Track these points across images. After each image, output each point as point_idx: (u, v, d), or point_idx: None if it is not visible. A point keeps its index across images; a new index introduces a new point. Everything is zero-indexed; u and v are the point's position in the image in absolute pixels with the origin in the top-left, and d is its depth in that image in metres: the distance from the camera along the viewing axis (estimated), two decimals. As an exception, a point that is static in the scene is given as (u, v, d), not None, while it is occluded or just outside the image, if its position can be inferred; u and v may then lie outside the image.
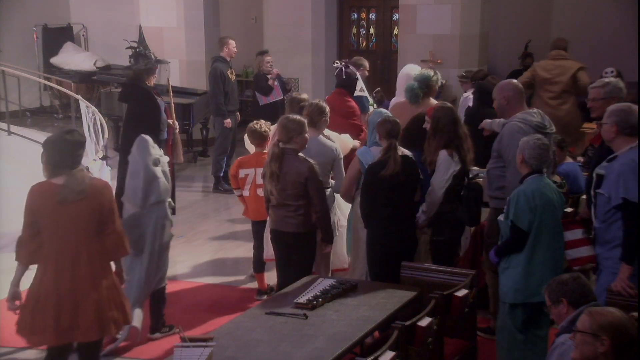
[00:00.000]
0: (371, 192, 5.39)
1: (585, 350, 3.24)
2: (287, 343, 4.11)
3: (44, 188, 4.32)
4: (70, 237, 4.30)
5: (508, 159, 5.36)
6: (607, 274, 4.76)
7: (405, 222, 5.43)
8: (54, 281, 4.29)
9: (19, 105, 13.57)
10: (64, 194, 4.24)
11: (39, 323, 4.30)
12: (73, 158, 4.34)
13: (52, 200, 4.25)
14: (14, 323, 4.49)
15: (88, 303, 4.30)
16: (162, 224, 5.54)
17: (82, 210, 4.29)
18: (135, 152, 5.57)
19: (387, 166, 5.28)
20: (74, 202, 4.25)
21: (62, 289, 4.28)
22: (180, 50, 12.10)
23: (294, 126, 5.42)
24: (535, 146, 4.85)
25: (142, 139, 5.60)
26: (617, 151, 4.75)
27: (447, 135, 5.54)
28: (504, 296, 4.96)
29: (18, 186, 9.02)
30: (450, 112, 5.62)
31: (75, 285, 4.29)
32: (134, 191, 5.49)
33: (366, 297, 4.77)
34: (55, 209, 4.26)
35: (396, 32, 13.32)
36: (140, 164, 5.50)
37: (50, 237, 4.31)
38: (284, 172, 5.37)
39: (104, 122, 9.43)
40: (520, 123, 5.42)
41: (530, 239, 4.80)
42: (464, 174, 5.59)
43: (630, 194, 4.57)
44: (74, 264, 4.29)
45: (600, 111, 5.26)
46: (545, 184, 4.89)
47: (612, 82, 5.44)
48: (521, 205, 4.78)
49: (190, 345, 3.87)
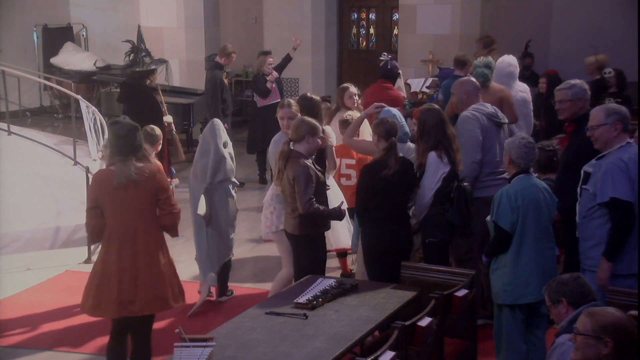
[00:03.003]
0: (368, 191, 5.39)
1: (587, 352, 3.20)
2: (287, 343, 4.11)
3: (103, 175, 4.79)
4: (128, 218, 4.70)
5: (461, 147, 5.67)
6: (589, 273, 4.77)
7: (400, 222, 5.42)
8: (116, 259, 4.69)
9: (19, 105, 13.58)
10: (117, 179, 4.64)
11: (103, 297, 4.70)
12: (121, 147, 4.70)
13: (110, 186, 4.66)
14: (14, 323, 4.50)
15: (146, 279, 4.70)
16: (227, 200, 6.10)
17: (137, 194, 4.68)
18: (207, 134, 6.09)
19: (389, 166, 5.28)
20: (128, 186, 4.64)
21: (124, 266, 4.68)
22: (180, 50, 12.10)
23: (305, 128, 5.41)
24: (521, 145, 4.87)
25: (214, 122, 6.14)
26: (605, 150, 4.76)
27: (434, 137, 5.52)
28: (495, 297, 4.97)
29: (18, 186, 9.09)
30: (437, 113, 5.60)
31: (134, 262, 4.69)
32: (202, 169, 6.01)
33: (366, 297, 4.77)
34: (112, 193, 4.67)
35: (396, 32, 13.32)
36: (211, 145, 6.02)
37: (111, 219, 4.72)
38: (286, 171, 5.39)
39: (104, 122, 9.44)
40: (473, 111, 5.92)
41: (515, 239, 4.82)
42: (454, 176, 5.55)
43: (618, 193, 4.60)
44: (133, 243, 4.70)
45: (569, 112, 5.45)
46: (531, 184, 4.89)
47: (577, 84, 5.53)
48: (503, 205, 4.81)
49: (190, 345, 3.87)
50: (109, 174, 4.70)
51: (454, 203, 5.42)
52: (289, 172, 5.33)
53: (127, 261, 4.67)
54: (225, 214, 6.16)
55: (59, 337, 6.01)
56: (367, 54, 14.04)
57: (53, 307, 6.55)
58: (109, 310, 4.72)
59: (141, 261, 4.70)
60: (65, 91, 12.11)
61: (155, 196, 4.74)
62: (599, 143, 4.78)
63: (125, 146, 4.69)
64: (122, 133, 4.70)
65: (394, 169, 5.27)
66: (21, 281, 7.10)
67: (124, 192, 4.65)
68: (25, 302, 6.68)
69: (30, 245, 8.09)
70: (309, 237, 5.47)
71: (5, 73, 12.28)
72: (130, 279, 4.67)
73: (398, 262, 5.28)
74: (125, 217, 4.70)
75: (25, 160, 10.16)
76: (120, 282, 4.66)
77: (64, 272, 7.36)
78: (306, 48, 13.62)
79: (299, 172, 5.26)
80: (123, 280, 4.66)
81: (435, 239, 5.51)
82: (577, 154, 5.27)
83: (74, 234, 8.28)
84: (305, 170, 5.28)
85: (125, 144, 4.69)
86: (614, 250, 4.68)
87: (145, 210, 4.73)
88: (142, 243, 4.71)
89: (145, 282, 4.69)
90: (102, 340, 5.93)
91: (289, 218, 5.47)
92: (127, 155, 4.67)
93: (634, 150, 4.77)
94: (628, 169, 4.64)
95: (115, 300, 4.66)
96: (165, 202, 4.77)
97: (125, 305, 4.68)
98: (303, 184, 5.25)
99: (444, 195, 5.47)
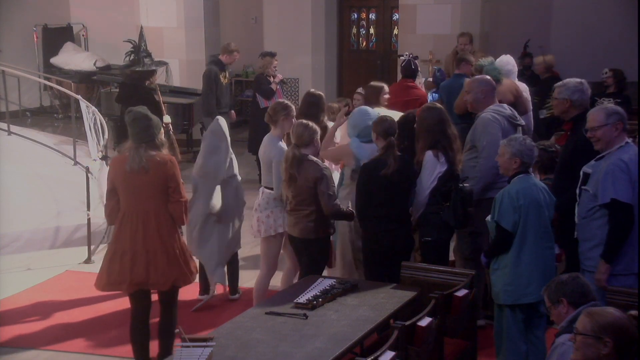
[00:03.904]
0: (367, 191, 5.39)
1: (587, 353, 3.19)
2: (287, 343, 4.11)
3: (119, 159, 5.07)
4: (139, 201, 4.98)
5: (480, 149, 5.62)
6: (589, 274, 4.76)
7: (401, 221, 5.41)
8: (129, 240, 4.97)
9: (19, 105, 13.57)
10: (129, 164, 4.93)
11: (116, 274, 5.00)
12: (134, 135, 4.97)
13: (123, 170, 4.96)
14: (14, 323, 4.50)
15: (157, 258, 4.97)
16: (236, 194, 6.33)
17: (147, 180, 4.94)
18: (215, 132, 6.22)
19: (387, 165, 5.27)
20: (139, 172, 4.91)
21: (136, 245, 4.97)
22: (180, 50, 12.08)
23: (308, 132, 5.44)
24: (531, 146, 4.90)
25: (219, 120, 6.28)
26: (606, 151, 4.76)
27: (432, 136, 5.52)
28: (496, 298, 4.96)
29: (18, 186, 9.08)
30: (438, 112, 5.59)
31: (146, 242, 4.96)
32: (214, 166, 6.16)
33: (366, 297, 4.77)
34: (125, 177, 4.96)
35: (396, 32, 13.32)
36: (219, 142, 6.18)
37: (124, 202, 5.02)
38: (300, 176, 5.38)
39: (104, 122, 9.44)
40: (494, 114, 5.78)
41: (516, 239, 4.81)
42: (452, 175, 5.52)
43: (619, 194, 4.60)
44: (144, 224, 4.97)
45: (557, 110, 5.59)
46: (531, 183, 4.89)
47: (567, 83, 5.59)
48: (505, 205, 4.79)
49: (190, 345, 3.87)
50: (124, 159, 4.99)
51: (451, 203, 5.42)
52: (307, 175, 5.34)
53: (139, 242, 4.96)
54: (236, 208, 6.38)
55: (59, 337, 6.01)
56: (367, 54, 14.04)
57: (53, 307, 6.55)
58: (122, 286, 5.06)
59: (152, 242, 4.97)
60: (65, 91, 12.10)
61: (165, 183, 4.98)
62: (601, 143, 4.77)
63: (136, 134, 4.96)
64: (133, 122, 4.97)
65: (393, 167, 5.27)
66: (21, 281, 7.10)
67: (135, 177, 4.92)
68: (25, 302, 6.68)
69: (30, 245, 8.08)
70: (321, 240, 5.51)
71: (5, 73, 12.27)
72: (142, 259, 4.95)
73: (398, 262, 5.28)
74: (137, 200, 4.97)
75: (25, 160, 10.15)
76: (133, 261, 4.95)
77: (64, 272, 7.36)
78: (306, 48, 13.64)
79: (321, 174, 5.33)
80: (135, 260, 4.95)
81: (430, 239, 5.51)
82: (574, 153, 5.28)
83: (74, 234, 8.28)
84: (327, 171, 5.38)
85: (137, 132, 4.96)
86: (612, 252, 4.68)
87: (155, 196, 4.98)
88: (153, 225, 4.97)
89: (157, 262, 4.97)
90: (102, 340, 5.95)
91: (304, 222, 5.44)
92: (139, 142, 4.95)
93: (634, 151, 4.77)
94: (629, 169, 4.63)
95: (128, 278, 4.97)
96: (173, 191, 5.00)
97: (138, 283, 4.98)
98: (327, 184, 5.33)
99: (440, 195, 5.46)
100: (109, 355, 5.72)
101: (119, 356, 5.68)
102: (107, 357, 5.71)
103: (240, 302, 6.52)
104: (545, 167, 6.08)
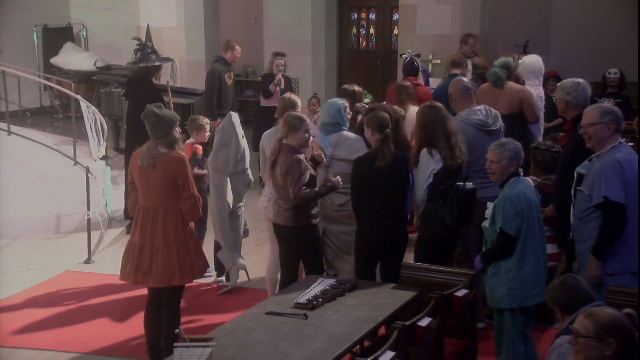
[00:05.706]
0: (360, 184, 5.39)
1: (590, 354, 3.13)
2: (287, 343, 4.11)
3: (137, 154, 5.16)
4: (150, 196, 5.08)
5: None
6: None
7: (395, 216, 5.41)
8: (139, 234, 5.10)
9: (19, 105, 13.57)
10: (141, 159, 5.06)
11: (125, 266, 5.17)
12: (149, 132, 5.08)
13: (138, 164, 5.09)
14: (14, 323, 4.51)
15: (160, 255, 5.05)
16: (247, 187, 6.63)
17: (157, 176, 5.02)
18: (227, 126, 6.39)
19: (384, 156, 5.27)
20: (151, 168, 5.01)
21: (144, 241, 5.08)
22: (180, 50, 12.08)
23: (292, 122, 5.46)
24: (521, 149, 4.90)
25: (232, 115, 6.47)
26: (599, 150, 4.76)
27: (427, 133, 5.52)
28: (497, 302, 4.92)
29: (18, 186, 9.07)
30: (435, 110, 5.56)
31: (152, 238, 5.06)
32: (224, 160, 6.36)
33: (366, 297, 4.77)
34: (140, 171, 5.09)
35: (396, 32, 13.31)
36: (232, 137, 6.35)
37: (140, 195, 5.16)
38: (277, 166, 5.42)
39: (104, 122, 9.43)
40: (461, 121, 5.84)
41: (519, 243, 4.77)
42: (449, 173, 5.47)
43: (611, 193, 4.60)
44: (153, 220, 5.06)
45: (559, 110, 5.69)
46: (527, 184, 4.89)
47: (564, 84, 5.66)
48: (507, 210, 4.74)
49: (190, 345, 3.86)
50: (140, 153, 5.12)
51: (448, 201, 5.40)
52: (281, 165, 5.38)
53: (147, 237, 5.07)
54: (246, 200, 6.67)
55: (59, 337, 6.02)
56: (367, 53, 14.04)
57: (53, 307, 6.56)
58: (129, 279, 5.20)
59: (156, 238, 5.05)
60: (65, 91, 12.08)
61: (173, 180, 5.04)
62: (592, 141, 4.78)
63: (149, 130, 5.08)
64: (144, 119, 5.07)
65: (388, 158, 5.27)
66: (21, 281, 7.11)
67: (146, 172, 5.04)
68: (25, 302, 6.69)
69: (30, 245, 8.09)
70: (306, 228, 5.50)
71: (5, 73, 12.26)
72: (148, 254, 5.06)
73: (391, 258, 5.32)
74: (149, 195, 5.09)
75: (25, 160, 10.13)
76: (140, 255, 5.08)
77: (64, 272, 7.37)
78: (306, 48, 13.64)
79: (290, 164, 5.33)
80: (142, 254, 5.07)
81: (427, 236, 5.51)
82: (573, 152, 5.29)
83: (74, 234, 8.29)
84: (297, 162, 5.34)
85: (149, 129, 5.07)
86: (602, 249, 4.70)
87: (165, 192, 5.05)
88: (160, 221, 5.05)
89: (161, 258, 5.04)
90: (102, 340, 5.95)
91: (282, 211, 5.50)
92: (153, 138, 5.05)
93: (628, 150, 4.79)
94: (623, 169, 4.64)
95: (134, 271, 5.10)
96: (182, 189, 5.06)
97: (142, 275, 5.10)
98: (296, 175, 5.31)
99: (439, 193, 5.45)
100: (109, 355, 5.73)
101: (119, 356, 5.68)
102: (107, 357, 5.71)
103: (240, 302, 6.51)
104: (548, 167, 6.08)
